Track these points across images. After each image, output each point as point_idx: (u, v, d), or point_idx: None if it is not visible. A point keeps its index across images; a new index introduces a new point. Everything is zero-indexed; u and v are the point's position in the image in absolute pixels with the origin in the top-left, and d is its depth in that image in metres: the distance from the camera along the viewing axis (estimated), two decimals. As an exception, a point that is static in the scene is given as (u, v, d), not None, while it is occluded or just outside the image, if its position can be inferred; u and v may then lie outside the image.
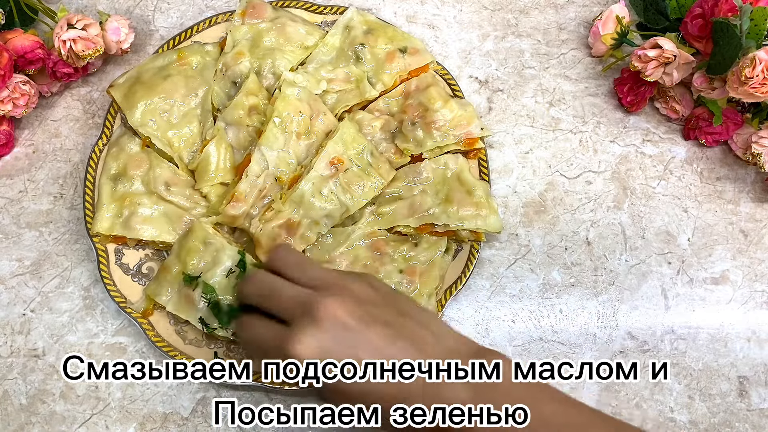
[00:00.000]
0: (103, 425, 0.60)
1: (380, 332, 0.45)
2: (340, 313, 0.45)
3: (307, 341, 0.44)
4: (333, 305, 0.45)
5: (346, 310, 0.45)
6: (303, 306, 0.46)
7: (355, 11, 0.68)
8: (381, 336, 0.45)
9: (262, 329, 0.48)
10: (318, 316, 0.44)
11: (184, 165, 0.64)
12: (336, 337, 0.44)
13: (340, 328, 0.44)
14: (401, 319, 0.47)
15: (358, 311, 0.45)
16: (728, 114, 0.68)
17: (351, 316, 0.45)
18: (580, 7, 0.76)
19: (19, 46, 0.63)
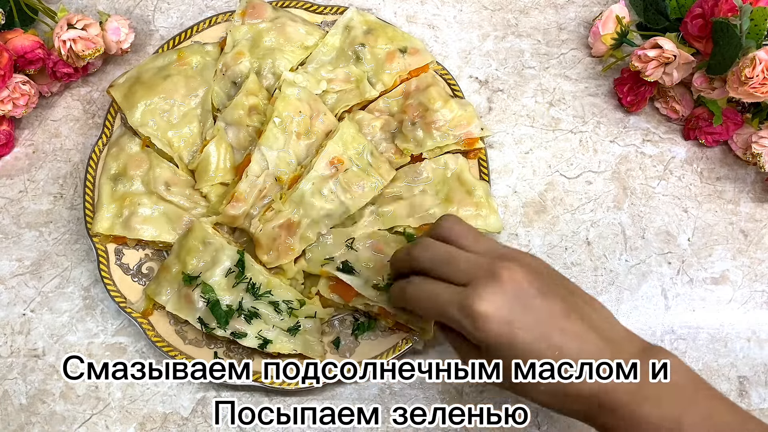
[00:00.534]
0: (103, 425, 0.60)
1: (557, 304, 0.46)
2: (522, 278, 0.46)
3: (492, 299, 0.45)
4: (516, 270, 0.46)
5: (527, 278, 0.46)
6: (485, 270, 0.46)
7: (355, 11, 0.68)
8: (558, 308, 0.46)
9: (439, 287, 0.48)
10: (501, 278, 0.46)
11: (184, 165, 0.64)
12: (518, 300, 0.45)
13: (522, 293, 0.45)
14: (573, 297, 0.48)
15: (537, 281, 0.46)
16: (728, 114, 0.68)
17: (531, 284, 0.46)
18: (580, 7, 0.76)
19: (19, 46, 0.64)
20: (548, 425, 0.61)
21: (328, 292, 0.60)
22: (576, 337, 0.45)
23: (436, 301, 0.48)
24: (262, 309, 0.59)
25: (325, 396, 0.61)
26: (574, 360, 0.45)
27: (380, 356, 0.60)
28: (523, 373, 0.45)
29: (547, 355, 0.45)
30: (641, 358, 0.45)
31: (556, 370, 0.45)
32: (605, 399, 0.44)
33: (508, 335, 0.45)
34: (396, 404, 0.61)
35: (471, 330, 0.45)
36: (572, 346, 0.45)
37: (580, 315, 0.46)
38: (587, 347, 0.45)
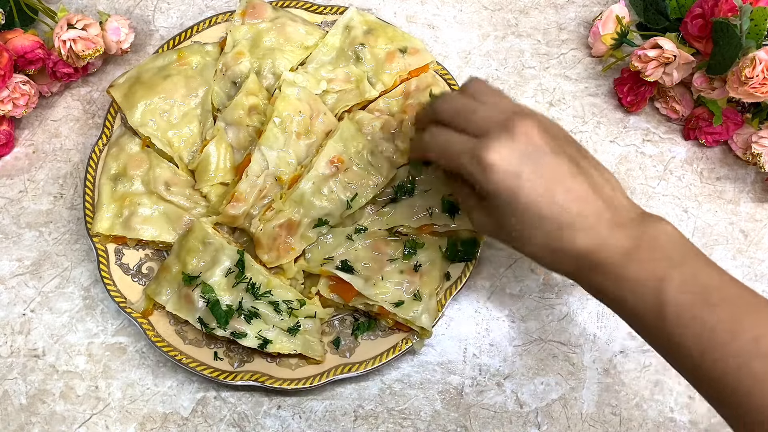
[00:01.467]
0: (103, 425, 0.60)
1: (565, 163, 0.47)
2: (535, 134, 0.47)
3: (502, 151, 0.46)
4: (530, 126, 0.47)
5: (540, 134, 0.47)
6: (500, 122, 0.47)
7: (355, 11, 0.68)
8: (566, 167, 0.47)
9: (455, 137, 0.49)
10: (515, 131, 0.46)
11: (184, 165, 0.64)
12: (528, 154, 0.46)
13: (533, 147, 0.46)
14: (583, 160, 0.49)
15: (549, 139, 0.47)
16: (728, 114, 0.68)
17: (543, 141, 0.47)
18: (580, 7, 0.76)
19: (19, 46, 0.64)
20: (548, 425, 0.61)
21: (328, 292, 0.60)
22: (578, 198, 0.46)
23: (451, 149, 0.49)
24: (262, 309, 0.59)
25: (325, 396, 0.61)
26: (573, 219, 0.46)
27: (380, 356, 0.60)
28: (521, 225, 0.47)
29: (547, 211, 0.46)
30: (637, 223, 0.46)
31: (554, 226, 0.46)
32: (595, 258, 0.46)
33: (513, 186, 0.46)
34: (396, 404, 0.61)
35: (479, 178, 0.47)
36: (573, 206, 0.46)
37: (587, 177, 0.47)
38: (587, 208, 0.46)
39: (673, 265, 0.44)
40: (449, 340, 0.63)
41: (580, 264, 0.47)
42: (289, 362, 0.60)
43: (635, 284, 0.45)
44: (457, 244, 0.62)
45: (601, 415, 0.62)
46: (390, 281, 0.60)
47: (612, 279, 0.46)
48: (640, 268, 0.45)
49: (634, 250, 0.45)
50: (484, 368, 0.63)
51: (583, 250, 0.46)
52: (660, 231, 0.46)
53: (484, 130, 0.48)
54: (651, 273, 0.44)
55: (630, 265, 0.45)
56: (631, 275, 0.45)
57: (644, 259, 0.45)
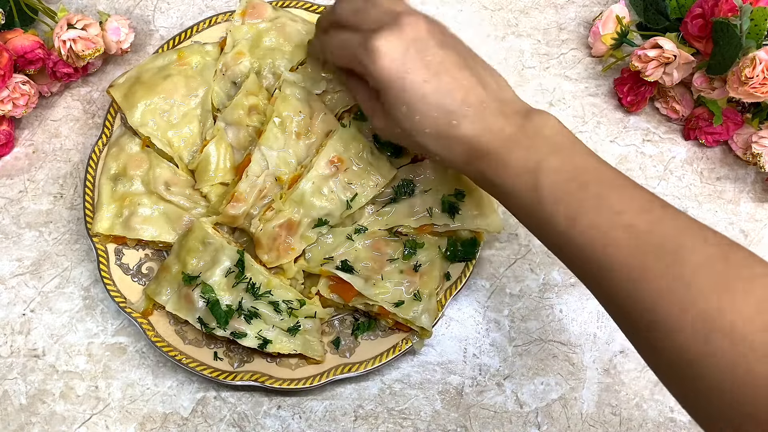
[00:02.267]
0: (103, 425, 0.60)
1: (451, 56, 0.49)
2: (422, 27, 0.49)
3: (390, 38, 0.48)
4: (419, 21, 0.49)
5: (428, 28, 0.49)
6: (392, 17, 0.50)
7: (355, 11, 0.68)
8: (452, 59, 0.49)
9: (350, 35, 0.51)
10: (403, 24, 0.49)
11: (184, 165, 0.64)
12: (415, 44, 0.48)
13: (420, 39, 0.49)
14: (472, 60, 0.51)
15: (438, 34, 0.50)
16: (728, 114, 0.68)
17: (431, 35, 0.49)
18: (580, 7, 0.76)
19: (19, 46, 0.64)
20: (548, 425, 0.61)
21: (328, 292, 0.60)
22: (463, 87, 0.48)
23: (346, 45, 0.51)
24: (261, 309, 0.59)
25: (325, 396, 0.61)
26: (458, 106, 0.48)
27: (380, 356, 0.60)
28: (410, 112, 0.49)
29: (432, 97, 0.48)
30: (522, 115, 0.49)
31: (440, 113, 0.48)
32: (480, 144, 0.48)
33: (399, 71, 0.48)
34: (396, 404, 0.61)
35: (369, 67, 0.49)
36: (458, 94, 0.48)
37: (474, 72, 0.49)
38: (472, 97, 0.48)
39: (552, 151, 0.47)
40: (449, 340, 0.63)
41: (467, 151, 0.49)
42: (289, 362, 0.60)
43: (515, 169, 0.47)
44: (457, 244, 0.62)
45: (601, 415, 0.62)
46: (390, 281, 0.60)
47: (494, 165, 0.48)
48: (521, 155, 0.47)
49: (516, 137, 0.47)
50: (484, 368, 0.63)
51: (468, 137, 0.48)
52: (543, 121, 0.48)
53: (376, 26, 0.50)
54: (530, 158, 0.47)
55: (512, 151, 0.47)
56: (512, 161, 0.47)
57: (525, 146, 0.47)
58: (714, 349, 0.39)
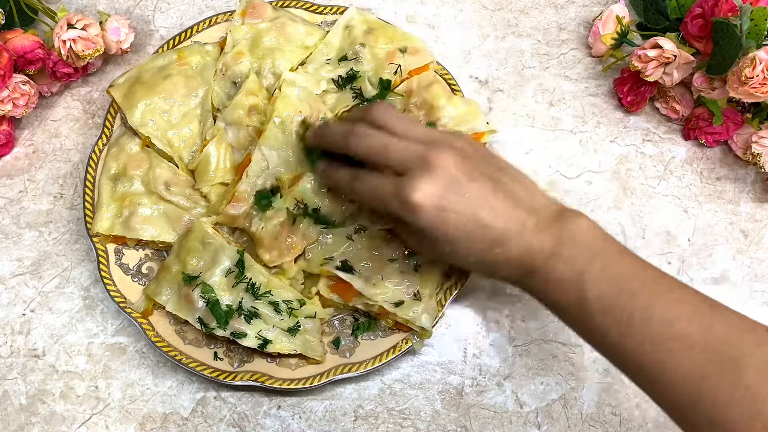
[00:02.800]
0: (103, 425, 0.60)
1: (484, 185, 0.50)
2: (452, 165, 0.49)
3: (425, 188, 0.49)
4: (446, 158, 0.49)
5: (456, 163, 0.50)
6: (418, 158, 0.50)
7: (355, 11, 0.68)
8: (486, 188, 0.50)
9: (377, 180, 0.52)
10: (433, 167, 0.49)
11: (184, 165, 0.64)
12: (449, 186, 0.49)
13: (452, 179, 0.49)
14: (499, 174, 0.52)
15: (466, 165, 0.50)
16: (728, 114, 0.68)
17: (460, 169, 0.50)
18: (580, 7, 0.76)
19: (19, 46, 0.64)
20: (548, 425, 0.61)
21: (328, 292, 0.60)
22: (502, 214, 0.49)
23: (379, 196, 0.52)
24: (262, 309, 0.59)
25: (325, 396, 0.61)
26: (500, 234, 0.49)
27: (380, 356, 0.60)
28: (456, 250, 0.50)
29: (476, 233, 0.49)
30: (556, 222, 0.50)
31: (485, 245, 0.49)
32: (525, 263, 0.49)
33: (441, 221, 0.49)
34: (396, 404, 0.61)
35: (410, 219, 0.50)
36: (499, 223, 0.49)
37: (506, 192, 0.50)
38: (512, 221, 0.49)
39: (590, 259, 0.48)
40: (449, 340, 0.63)
41: (516, 272, 0.50)
42: (289, 362, 0.60)
43: (560, 282, 0.48)
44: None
45: (601, 415, 0.62)
46: (390, 281, 0.60)
47: (542, 281, 0.49)
48: (563, 268, 0.48)
49: (556, 250, 0.48)
50: (484, 368, 0.63)
51: (515, 259, 0.49)
52: (576, 227, 0.49)
53: (404, 168, 0.50)
54: (572, 269, 0.48)
55: (556, 265, 0.48)
56: (556, 275, 0.48)
57: (565, 257, 0.48)
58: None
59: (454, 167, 0.49)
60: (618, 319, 0.45)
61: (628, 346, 0.45)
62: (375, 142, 0.52)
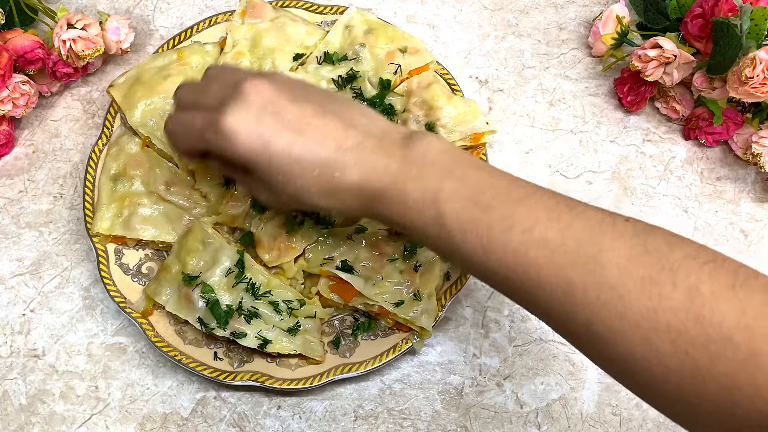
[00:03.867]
0: (103, 425, 0.60)
1: (307, 107, 0.46)
2: (266, 89, 0.46)
3: (238, 113, 0.45)
4: (260, 84, 0.46)
5: (274, 88, 0.46)
6: (232, 88, 0.46)
7: (355, 11, 0.68)
8: (309, 109, 0.46)
9: (191, 114, 0.48)
10: (245, 92, 0.45)
11: (184, 165, 0.64)
12: (265, 110, 0.45)
13: (268, 102, 0.45)
14: (327, 100, 0.48)
15: (286, 92, 0.46)
16: (728, 114, 0.68)
17: (279, 94, 0.46)
18: (580, 7, 0.76)
19: (19, 46, 0.64)
20: (548, 425, 0.61)
21: (328, 291, 0.60)
22: (332, 135, 0.45)
23: (192, 130, 0.48)
24: (261, 309, 0.59)
25: (325, 396, 0.61)
26: (333, 155, 0.45)
27: (380, 356, 0.60)
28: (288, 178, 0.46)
29: (305, 156, 0.45)
30: (402, 144, 0.46)
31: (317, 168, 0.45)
32: (371, 186, 0.45)
33: (260, 145, 0.45)
34: (396, 404, 0.61)
35: (227, 150, 0.45)
36: (329, 143, 0.45)
37: (338, 114, 0.46)
38: (344, 141, 0.45)
39: (443, 175, 0.44)
40: (449, 340, 0.63)
41: (361, 198, 0.46)
42: (289, 362, 0.60)
43: (414, 203, 0.44)
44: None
45: (601, 415, 0.62)
46: (390, 281, 0.60)
47: (393, 205, 0.45)
48: (415, 188, 0.44)
49: (404, 170, 0.45)
50: (484, 368, 0.63)
51: (356, 183, 0.45)
52: (426, 145, 0.45)
53: (219, 101, 0.46)
54: (426, 189, 0.44)
55: (405, 185, 0.44)
56: (408, 195, 0.44)
57: (416, 177, 0.44)
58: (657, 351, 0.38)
59: (269, 92, 0.46)
60: (478, 234, 0.42)
61: (492, 261, 0.42)
62: (195, 84, 0.51)
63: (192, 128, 0.48)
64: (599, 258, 0.39)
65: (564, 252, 0.40)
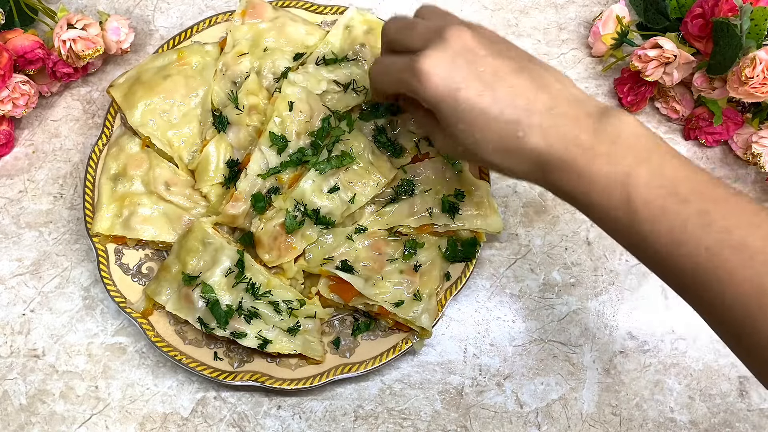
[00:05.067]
0: (103, 425, 0.60)
1: (505, 63, 0.46)
2: (470, 40, 0.46)
3: (436, 56, 0.45)
4: (464, 33, 0.46)
5: (477, 40, 0.46)
6: (436, 32, 0.47)
7: (355, 11, 0.68)
8: (506, 66, 0.46)
9: (394, 58, 0.49)
10: (448, 38, 0.46)
11: (184, 165, 0.64)
12: (463, 57, 0.45)
13: (467, 50, 0.46)
14: (528, 63, 0.47)
15: (487, 44, 0.46)
16: (728, 114, 0.68)
17: (480, 45, 0.46)
18: (580, 7, 0.76)
19: (19, 46, 0.64)
20: (548, 425, 0.61)
21: (328, 292, 0.60)
22: (523, 94, 0.45)
23: (393, 69, 0.49)
24: (261, 309, 0.59)
25: (325, 396, 0.61)
26: (520, 114, 0.44)
27: (380, 356, 0.60)
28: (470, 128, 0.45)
29: (492, 109, 0.44)
30: (595, 117, 0.44)
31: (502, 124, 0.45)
32: (554, 155, 0.44)
33: (451, 89, 0.45)
34: (396, 404, 0.61)
35: (419, 91, 0.46)
36: (519, 101, 0.44)
37: (533, 75, 0.46)
38: (535, 103, 0.44)
39: (639, 160, 0.43)
40: (449, 340, 0.63)
41: (539, 163, 0.45)
42: (289, 362, 0.60)
43: (601, 181, 0.43)
44: (457, 244, 0.62)
45: (601, 415, 0.62)
46: (390, 281, 0.60)
47: (575, 177, 0.44)
48: (605, 165, 0.43)
49: (595, 145, 0.43)
50: (484, 368, 0.63)
51: (538, 147, 0.44)
52: (621, 123, 0.44)
53: (422, 44, 0.47)
54: (616, 169, 0.42)
55: (592, 162, 0.43)
56: (594, 174, 0.43)
57: (607, 154, 0.43)
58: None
59: (471, 41, 0.46)
60: (669, 226, 0.41)
61: (681, 255, 0.41)
62: (403, 21, 0.51)
63: (392, 69, 0.49)
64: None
65: (763, 261, 0.39)
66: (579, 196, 0.44)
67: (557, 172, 0.44)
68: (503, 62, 0.46)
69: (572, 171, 0.44)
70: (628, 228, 0.43)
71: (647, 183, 0.42)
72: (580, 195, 0.44)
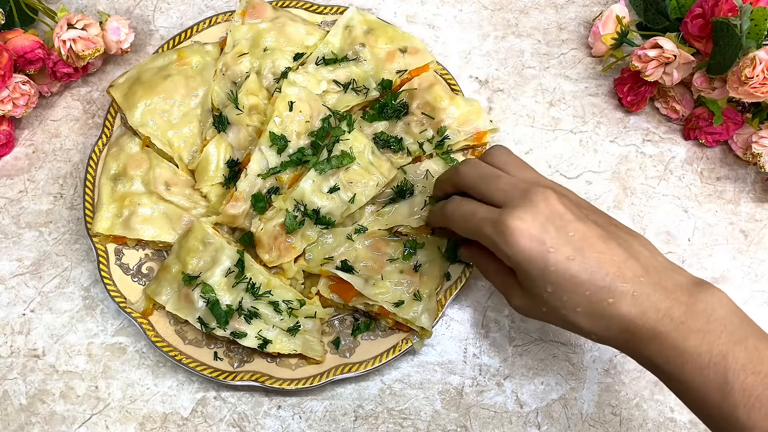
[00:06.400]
0: (103, 425, 0.60)
1: (593, 229, 0.46)
2: (557, 203, 0.46)
3: (524, 216, 0.46)
4: (551, 196, 0.47)
5: (563, 203, 0.47)
6: (521, 191, 0.47)
7: (355, 11, 0.68)
8: (594, 232, 0.46)
9: (475, 205, 0.50)
10: (536, 201, 0.46)
11: (184, 165, 0.64)
12: (551, 221, 0.46)
13: (555, 215, 0.46)
14: (612, 226, 0.48)
15: (573, 208, 0.47)
16: (728, 114, 0.68)
17: (567, 209, 0.46)
18: (580, 7, 0.76)
19: (19, 46, 0.64)
20: (548, 425, 0.61)
21: (328, 291, 0.60)
22: (614, 262, 0.45)
23: (472, 218, 0.49)
24: (261, 309, 0.59)
25: (325, 396, 0.61)
26: (611, 282, 0.44)
27: (380, 356, 0.60)
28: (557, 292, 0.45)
29: (582, 275, 0.44)
30: (686, 290, 0.44)
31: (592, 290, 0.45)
32: (644, 326, 0.44)
33: (540, 252, 0.45)
34: (396, 404, 0.61)
35: (504, 248, 0.46)
36: (609, 268, 0.44)
37: (620, 242, 0.46)
38: (625, 271, 0.45)
39: (734, 340, 0.42)
40: (449, 340, 0.63)
41: (629, 331, 0.45)
42: (289, 362, 0.60)
43: (695, 359, 0.42)
44: (457, 245, 0.62)
45: (601, 415, 0.62)
46: (390, 281, 0.60)
47: (668, 350, 0.43)
48: (698, 343, 0.42)
49: (689, 320, 0.43)
50: (484, 368, 0.63)
51: (629, 315, 0.44)
52: (713, 299, 0.44)
53: (506, 199, 0.48)
54: (712, 349, 0.42)
55: (688, 337, 0.43)
56: (689, 350, 0.43)
57: (700, 332, 0.43)
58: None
59: (560, 206, 0.46)
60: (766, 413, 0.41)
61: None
62: (484, 170, 0.51)
63: (473, 217, 0.49)
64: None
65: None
66: (671, 371, 0.44)
67: (648, 342, 0.44)
68: (590, 228, 0.46)
69: (665, 344, 0.43)
70: (719, 410, 0.42)
71: (744, 367, 0.42)
72: (672, 370, 0.44)
